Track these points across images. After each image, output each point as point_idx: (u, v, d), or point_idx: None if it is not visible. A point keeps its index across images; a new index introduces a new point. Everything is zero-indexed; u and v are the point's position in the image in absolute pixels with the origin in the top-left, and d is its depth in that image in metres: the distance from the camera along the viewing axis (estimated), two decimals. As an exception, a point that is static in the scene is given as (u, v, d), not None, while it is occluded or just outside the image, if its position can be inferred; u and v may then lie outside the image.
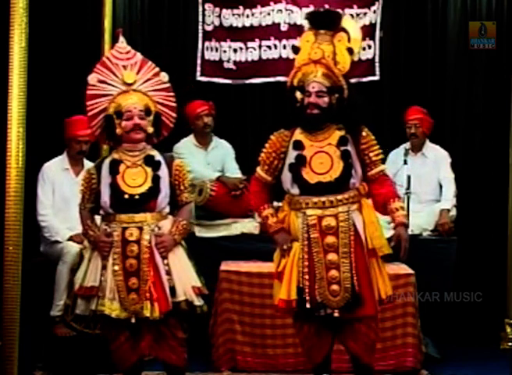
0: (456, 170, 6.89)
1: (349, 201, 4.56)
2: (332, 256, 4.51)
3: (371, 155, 4.63)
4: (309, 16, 4.82)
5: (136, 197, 4.53)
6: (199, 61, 7.58)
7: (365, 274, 4.51)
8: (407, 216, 5.01)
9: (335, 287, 4.49)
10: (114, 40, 6.96)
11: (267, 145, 4.70)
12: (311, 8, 7.42)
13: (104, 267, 4.51)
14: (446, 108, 7.49)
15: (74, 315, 4.89)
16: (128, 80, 4.64)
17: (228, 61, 7.59)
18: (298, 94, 4.62)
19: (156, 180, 4.58)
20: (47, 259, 5.96)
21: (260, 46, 7.55)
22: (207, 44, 7.59)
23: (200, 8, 7.58)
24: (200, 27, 7.58)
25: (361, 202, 4.61)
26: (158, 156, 4.67)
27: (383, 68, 7.47)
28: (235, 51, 7.58)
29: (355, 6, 7.40)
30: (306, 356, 4.76)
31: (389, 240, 4.66)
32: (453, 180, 6.82)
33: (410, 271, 5.79)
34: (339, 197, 4.55)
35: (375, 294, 4.53)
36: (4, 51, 4.73)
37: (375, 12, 7.40)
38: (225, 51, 7.59)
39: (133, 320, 4.45)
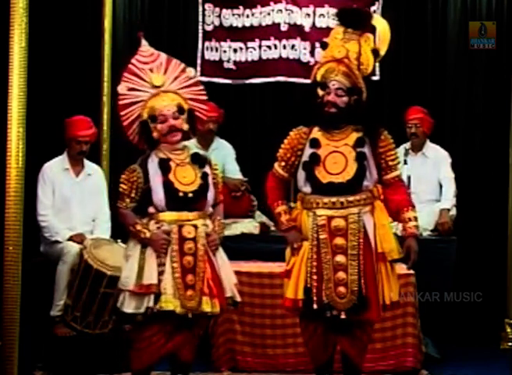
0: (456, 170, 6.89)
1: (360, 203, 4.52)
2: (340, 258, 4.47)
3: (387, 159, 4.58)
4: (338, 14, 4.76)
5: (190, 195, 4.53)
6: (199, 61, 7.58)
7: (372, 278, 4.47)
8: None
9: (342, 289, 4.45)
10: (114, 40, 7.02)
11: (285, 141, 4.66)
12: (311, 9, 7.47)
13: (160, 265, 4.50)
14: (446, 108, 7.49)
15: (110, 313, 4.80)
16: (156, 83, 4.62)
17: (228, 61, 7.59)
18: (319, 91, 4.59)
19: (205, 177, 4.60)
20: (47, 259, 5.95)
21: (260, 46, 7.55)
22: (207, 44, 7.60)
23: (200, 8, 7.58)
24: (200, 27, 7.58)
25: (374, 204, 4.56)
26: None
27: (383, 68, 7.47)
28: (235, 51, 7.58)
29: (355, 6, 7.38)
30: (310, 356, 4.74)
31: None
32: (453, 180, 6.82)
33: (410, 271, 5.78)
34: (350, 198, 4.50)
35: (379, 299, 4.50)
36: (4, 51, 4.73)
37: (375, 12, 7.38)
38: (225, 51, 7.59)
39: (190, 315, 4.46)
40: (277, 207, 4.69)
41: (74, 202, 6.08)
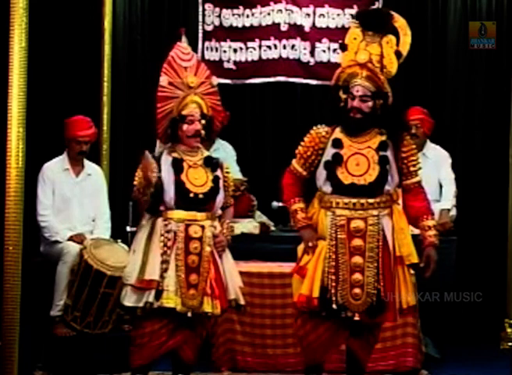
0: (457, 170, 6.88)
1: (380, 205, 4.51)
2: (357, 259, 4.46)
3: (409, 164, 4.58)
4: (358, 16, 4.72)
5: (200, 196, 4.58)
6: (199, 61, 7.58)
7: (390, 281, 4.48)
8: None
9: (357, 290, 4.44)
10: (114, 40, 7.02)
11: (306, 139, 4.62)
12: (311, 9, 7.47)
13: (163, 262, 4.53)
14: (446, 108, 7.49)
15: (119, 307, 4.80)
16: (192, 84, 4.65)
17: (228, 61, 7.59)
18: (342, 95, 4.56)
19: (216, 180, 4.65)
20: (47, 259, 5.95)
21: (260, 46, 7.56)
22: (207, 44, 7.60)
23: (200, 8, 7.58)
24: (200, 27, 7.59)
25: (392, 208, 4.56)
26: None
27: (383, 68, 7.45)
28: (235, 51, 7.59)
29: (355, 6, 7.40)
30: (304, 354, 4.72)
31: None
32: (454, 181, 6.81)
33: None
34: (371, 200, 4.49)
35: (396, 302, 4.49)
36: (4, 51, 4.73)
37: (374, 12, 7.40)
38: (225, 51, 7.59)
39: (190, 315, 4.50)
40: (293, 204, 4.65)
41: (74, 202, 6.08)
